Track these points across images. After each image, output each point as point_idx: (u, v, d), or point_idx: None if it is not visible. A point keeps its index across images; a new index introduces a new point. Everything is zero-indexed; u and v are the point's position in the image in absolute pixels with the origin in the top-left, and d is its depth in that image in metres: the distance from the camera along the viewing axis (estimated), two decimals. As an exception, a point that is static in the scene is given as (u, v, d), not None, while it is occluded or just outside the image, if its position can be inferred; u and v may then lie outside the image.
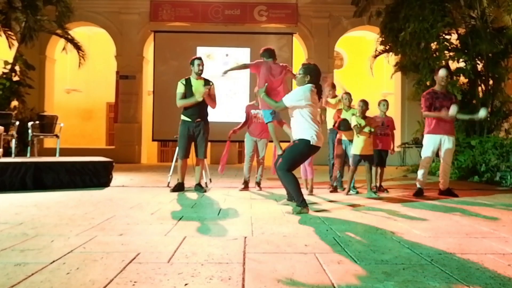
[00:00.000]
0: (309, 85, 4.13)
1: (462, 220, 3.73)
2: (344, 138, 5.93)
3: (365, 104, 5.57)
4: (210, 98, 5.60)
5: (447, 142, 5.41)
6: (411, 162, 11.59)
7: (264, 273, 2.14)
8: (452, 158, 5.55)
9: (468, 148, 8.10)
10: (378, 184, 5.98)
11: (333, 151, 6.15)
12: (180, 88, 5.59)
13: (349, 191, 5.62)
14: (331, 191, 5.82)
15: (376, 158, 5.85)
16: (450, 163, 5.56)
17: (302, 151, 4.11)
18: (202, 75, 5.69)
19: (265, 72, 4.80)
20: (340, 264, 2.30)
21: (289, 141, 4.48)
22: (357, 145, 5.46)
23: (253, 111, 6.03)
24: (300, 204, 4.01)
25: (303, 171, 5.59)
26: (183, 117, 5.64)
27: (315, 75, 4.20)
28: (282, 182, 4.18)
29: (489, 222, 3.66)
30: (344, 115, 5.79)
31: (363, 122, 5.43)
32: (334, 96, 6.31)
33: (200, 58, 5.67)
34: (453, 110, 5.15)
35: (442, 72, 5.47)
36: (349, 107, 5.96)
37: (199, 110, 5.58)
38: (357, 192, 5.71)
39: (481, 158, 7.62)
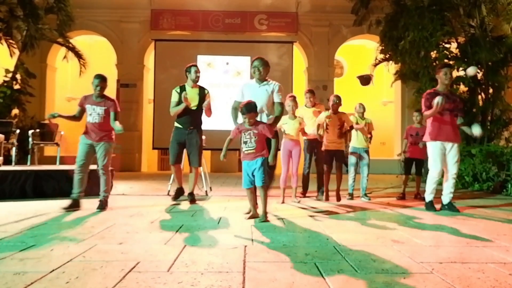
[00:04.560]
0: None
1: (462, 228, 3.72)
2: (357, 145, 6.03)
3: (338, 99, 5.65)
4: (208, 107, 5.46)
5: (451, 151, 4.81)
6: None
7: (264, 282, 2.12)
8: (458, 168, 4.90)
9: (468, 157, 8.10)
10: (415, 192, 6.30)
11: (310, 162, 6.15)
12: (175, 97, 5.48)
13: (327, 198, 5.54)
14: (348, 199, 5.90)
15: (411, 166, 6.29)
16: (456, 175, 4.90)
17: None
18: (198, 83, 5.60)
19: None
20: (340, 273, 2.29)
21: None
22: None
23: (88, 106, 4.81)
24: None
25: (284, 180, 5.53)
26: (176, 124, 5.55)
27: None
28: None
29: (489, 231, 3.64)
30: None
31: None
32: (314, 105, 6.24)
33: (196, 65, 5.55)
34: (437, 100, 4.60)
35: (445, 70, 4.92)
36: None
37: (192, 118, 5.44)
38: (369, 199, 5.89)
39: (481, 166, 7.62)
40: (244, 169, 4.11)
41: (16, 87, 10.98)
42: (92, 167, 4.95)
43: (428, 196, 4.96)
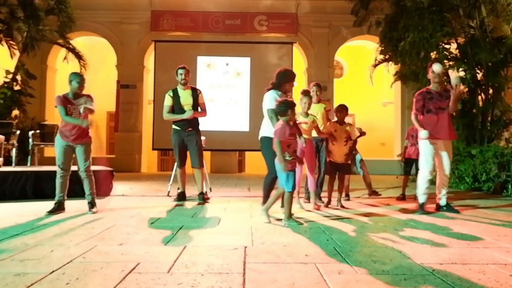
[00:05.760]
0: None
1: (463, 230, 3.72)
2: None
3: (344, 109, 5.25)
4: (198, 113, 5.57)
5: (445, 149, 4.70)
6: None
7: (264, 283, 2.12)
8: (451, 167, 4.83)
9: (468, 157, 8.10)
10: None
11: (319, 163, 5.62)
12: (168, 101, 5.51)
13: (329, 203, 5.25)
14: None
15: (411, 167, 6.34)
16: (448, 174, 4.81)
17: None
18: (188, 84, 5.63)
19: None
20: (340, 274, 2.29)
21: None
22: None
23: (69, 106, 4.61)
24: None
25: (313, 182, 5.24)
26: (174, 127, 5.59)
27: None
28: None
29: (490, 232, 3.64)
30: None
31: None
32: (319, 100, 5.66)
33: (184, 68, 5.55)
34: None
35: (435, 68, 4.77)
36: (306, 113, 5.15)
37: (189, 120, 5.48)
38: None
39: (481, 167, 7.62)
40: (292, 175, 3.93)
41: (17, 88, 10.98)
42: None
43: (421, 197, 4.76)
